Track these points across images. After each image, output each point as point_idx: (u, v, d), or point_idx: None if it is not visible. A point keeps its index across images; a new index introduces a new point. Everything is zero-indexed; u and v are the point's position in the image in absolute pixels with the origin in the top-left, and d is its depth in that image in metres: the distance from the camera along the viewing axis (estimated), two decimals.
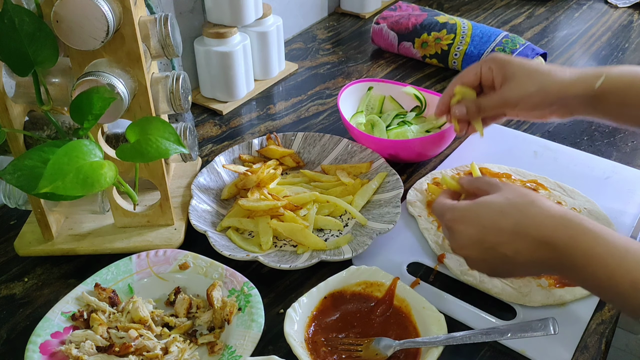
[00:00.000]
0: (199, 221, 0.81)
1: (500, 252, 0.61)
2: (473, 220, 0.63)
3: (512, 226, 0.60)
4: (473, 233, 0.62)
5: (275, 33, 1.17)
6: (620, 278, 0.55)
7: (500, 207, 0.62)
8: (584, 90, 0.71)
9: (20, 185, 0.62)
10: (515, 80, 0.74)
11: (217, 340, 0.68)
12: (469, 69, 0.79)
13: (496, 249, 0.61)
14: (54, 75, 0.72)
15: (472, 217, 0.63)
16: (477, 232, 0.62)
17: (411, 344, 0.65)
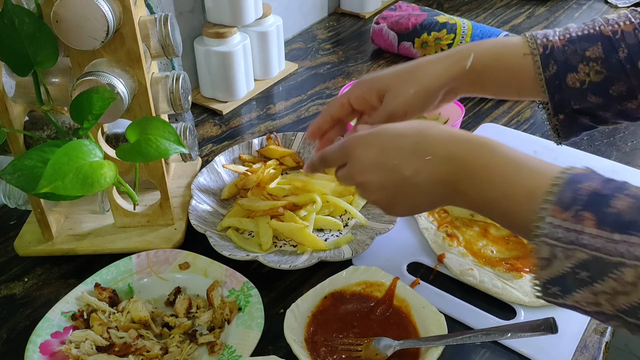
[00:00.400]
0: (198, 221, 0.81)
1: (400, 174, 0.59)
2: (372, 143, 0.61)
3: (412, 145, 0.59)
4: (373, 156, 0.60)
5: (275, 33, 1.17)
6: (517, 187, 0.53)
7: (400, 130, 0.61)
8: (458, 72, 0.70)
9: (20, 185, 0.62)
10: (391, 91, 0.72)
11: (217, 340, 0.68)
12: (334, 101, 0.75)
13: (396, 169, 0.59)
14: (54, 75, 0.72)
15: (371, 140, 0.61)
16: (376, 154, 0.60)
17: (411, 344, 0.65)
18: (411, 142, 0.59)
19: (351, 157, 0.63)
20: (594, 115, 0.70)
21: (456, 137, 0.58)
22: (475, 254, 0.78)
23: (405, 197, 0.61)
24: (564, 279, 0.48)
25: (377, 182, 0.61)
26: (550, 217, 0.48)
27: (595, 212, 0.47)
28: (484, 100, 1.14)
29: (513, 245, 0.78)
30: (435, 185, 0.58)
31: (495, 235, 0.80)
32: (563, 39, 0.68)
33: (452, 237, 0.80)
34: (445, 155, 0.57)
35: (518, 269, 0.75)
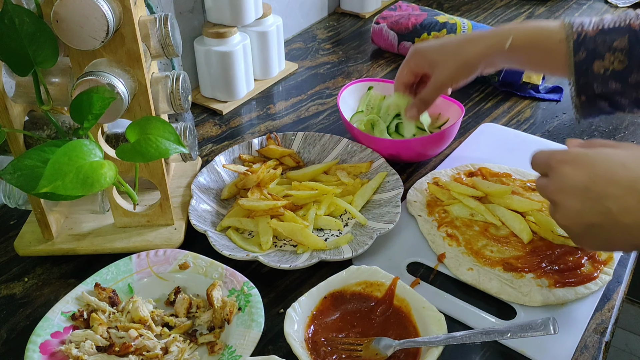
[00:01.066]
0: (199, 221, 0.81)
1: (605, 207, 0.54)
2: (585, 166, 0.56)
3: (631, 180, 0.54)
4: (580, 178, 0.56)
5: (275, 33, 1.17)
6: None
7: (622, 159, 0.56)
8: (497, 51, 0.80)
9: (20, 185, 0.62)
10: (440, 65, 0.84)
11: (217, 340, 0.68)
12: (402, 70, 0.90)
13: (601, 201, 0.54)
14: (54, 75, 0.72)
15: (585, 162, 0.57)
16: (586, 178, 0.55)
17: (411, 343, 0.65)
18: (631, 177, 0.54)
19: (556, 172, 0.59)
20: (613, 100, 0.76)
21: None
22: (475, 254, 0.78)
23: (603, 233, 0.56)
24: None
25: (575, 208, 0.57)
26: None
27: None
28: (484, 100, 1.14)
29: (513, 245, 0.78)
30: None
31: (495, 235, 0.80)
32: (596, 29, 0.75)
33: (452, 237, 0.80)
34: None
35: (518, 268, 0.75)
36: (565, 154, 0.59)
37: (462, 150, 1.00)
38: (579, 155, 0.58)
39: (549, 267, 0.75)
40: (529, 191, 0.86)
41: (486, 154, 0.97)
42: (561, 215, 0.59)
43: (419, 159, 0.97)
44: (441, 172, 0.92)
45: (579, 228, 0.58)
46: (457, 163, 0.95)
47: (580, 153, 0.58)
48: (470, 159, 0.95)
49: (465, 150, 0.99)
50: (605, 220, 0.55)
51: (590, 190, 0.55)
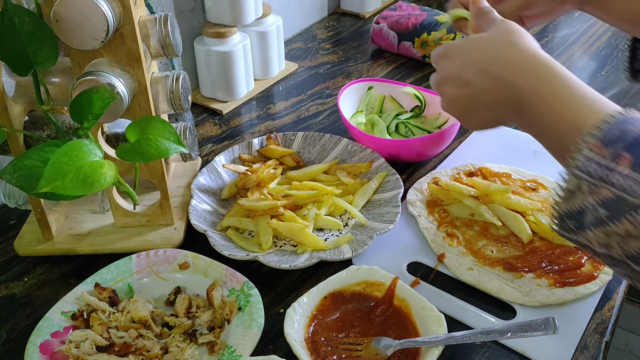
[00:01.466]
0: (199, 221, 0.81)
1: (470, 90, 0.62)
2: (455, 57, 0.64)
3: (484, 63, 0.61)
4: (453, 69, 0.64)
5: (275, 33, 1.17)
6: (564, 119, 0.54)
7: (480, 44, 0.63)
8: None
9: (20, 185, 0.62)
10: None
11: (217, 340, 0.68)
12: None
13: (468, 86, 0.62)
14: (54, 74, 0.72)
15: (455, 54, 0.65)
16: (455, 67, 0.64)
17: (411, 343, 0.65)
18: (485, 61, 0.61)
19: (438, 66, 0.67)
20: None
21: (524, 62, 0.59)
22: (475, 253, 0.78)
23: (475, 112, 0.64)
24: (582, 214, 0.49)
25: (452, 94, 0.65)
26: (587, 151, 0.48)
27: (634, 154, 0.47)
28: None
29: (513, 245, 0.78)
30: (498, 105, 0.61)
31: (495, 235, 0.80)
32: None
33: (452, 237, 0.80)
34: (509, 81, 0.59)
35: (518, 268, 0.75)
36: (442, 48, 0.67)
37: (462, 150, 0.99)
38: (450, 47, 0.66)
39: (549, 267, 0.75)
40: (529, 191, 0.86)
41: (486, 154, 0.97)
42: (445, 102, 0.67)
43: (419, 159, 0.97)
44: (441, 172, 0.92)
45: (458, 111, 0.66)
46: (457, 163, 0.95)
47: (451, 45, 0.66)
48: (470, 159, 0.95)
49: (465, 150, 0.99)
50: (473, 102, 0.63)
51: (460, 78, 0.63)
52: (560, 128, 0.54)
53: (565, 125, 0.53)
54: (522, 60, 0.59)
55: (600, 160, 0.48)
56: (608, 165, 0.47)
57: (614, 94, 1.15)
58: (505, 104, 0.60)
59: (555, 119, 0.55)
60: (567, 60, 1.28)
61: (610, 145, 0.48)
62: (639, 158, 0.46)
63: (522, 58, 0.59)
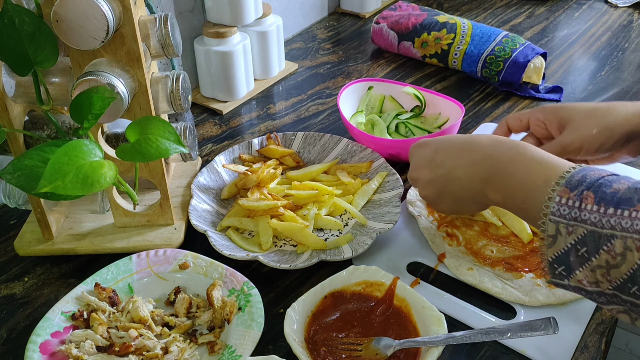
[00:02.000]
0: (199, 221, 0.81)
1: (445, 169, 0.68)
2: (430, 144, 0.71)
3: (461, 144, 0.68)
4: (427, 153, 0.70)
5: (275, 33, 1.17)
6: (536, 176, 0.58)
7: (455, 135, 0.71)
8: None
9: (20, 185, 0.62)
10: (574, 124, 0.72)
11: (217, 340, 0.68)
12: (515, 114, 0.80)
13: (442, 165, 0.68)
14: (54, 74, 0.72)
15: (430, 142, 0.72)
16: (430, 152, 0.70)
17: (411, 343, 0.65)
18: (461, 142, 0.68)
19: (412, 156, 0.73)
20: None
21: (498, 141, 0.66)
22: (475, 253, 0.78)
23: (449, 192, 0.69)
24: (567, 256, 0.53)
25: (426, 177, 0.70)
26: (558, 197, 0.54)
27: (595, 191, 0.52)
28: (484, 100, 1.14)
29: (513, 245, 0.78)
30: (471, 180, 0.66)
31: (495, 235, 0.80)
32: None
33: (452, 237, 0.80)
34: (484, 154, 0.65)
35: (518, 268, 0.75)
36: (419, 141, 0.74)
37: None
38: (427, 139, 0.73)
39: None
40: None
41: None
42: (420, 187, 0.72)
43: None
44: None
45: (434, 195, 0.71)
46: None
47: (426, 139, 0.73)
48: None
49: None
50: (446, 180, 0.68)
51: (434, 160, 0.69)
52: (532, 183, 0.58)
53: (537, 179, 0.58)
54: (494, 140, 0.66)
55: (569, 202, 0.53)
56: (577, 205, 0.53)
57: (614, 94, 1.15)
58: (479, 176, 0.65)
59: (528, 176, 0.59)
60: (567, 60, 1.28)
61: (575, 188, 0.53)
62: (600, 193, 0.52)
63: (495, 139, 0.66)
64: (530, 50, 1.14)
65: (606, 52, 1.31)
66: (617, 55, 1.30)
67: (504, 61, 1.13)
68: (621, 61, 1.27)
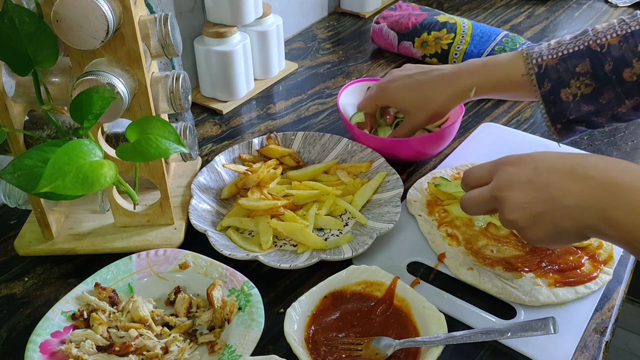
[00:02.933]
0: (199, 220, 0.81)
1: (548, 193, 0.58)
2: (528, 163, 0.61)
3: (569, 167, 0.58)
4: (525, 173, 0.60)
5: (275, 32, 1.17)
6: None
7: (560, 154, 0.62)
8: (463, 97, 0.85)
9: (20, 184, 0.62)
10: (412, 114, 0.89)
11: (217, 340, 0.68)
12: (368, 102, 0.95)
13: (546, 189, 0.58)
14: (54, 74, 0.72)
15: (527, 160, 0.62)
16: (529, 172, 0.60)
17: (411, 343, 0.65)
18: (569, 165, 0.59)
19: (500, 172, 0.63)
20: (589, 121, 0.77)
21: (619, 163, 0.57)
22: (475, 253, 0.78)
23: (549, 220, 0.59)
24: None
25: (521, 199, 0.60)
26: None
27: None
28: (484, 100, 1.14)
29: (513, 245, 0.78)
30: (585, 210, 0.56)
31: (496, 235, 0.80)
32: (556, 57, 0.76)
33: (452, 237, 0.80)
34: (603, 179, 0.56)
35: (518, 268, 0.75)
36: (507, 157, 0.64)
37: (462, 150, 0.99)
38: (521, 156, 0.63)
39: (549, 267, 0.75)
40: None
41: (486, 154, 0.97)
42: (509, 210, 0.62)
43: (419, 159, 0.97)
44: (441, 172, 0.92)
45: (526, 220, 0.61)
46: (457, 163, 0.95)
47: (521, 155, 0.63)
48: (470, 158, 0.95)
49: (465, 150, 0.99)
50: (549, 207, 0.58)
51: (534, 182, 0.60)
52: None
53: None
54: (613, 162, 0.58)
55: None
56: None
57: None
58: (596, 206, 0.56)
59: None
60: None
61: None
62: None
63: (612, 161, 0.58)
64: None
65: None
66: None
67: None
68: None
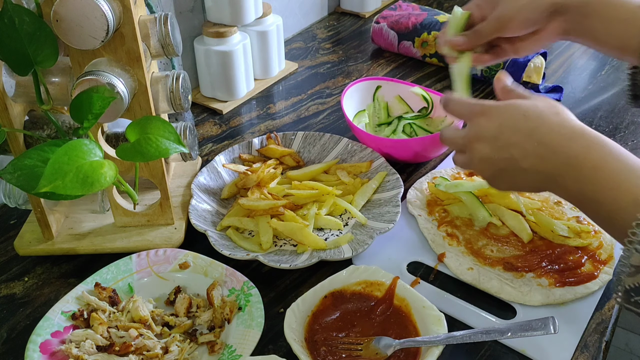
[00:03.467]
0: (199, 220, 0.81)
1: (509, 153, 0.61)
2: (495, 117, 0.63)
3: (529, 129, 0.60)
4: (492, 128, 0.63)
5: (275, 32, 1.17)
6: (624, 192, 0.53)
7: (524, 110, 0.62)
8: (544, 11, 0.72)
9: (20, 184, 0.62)
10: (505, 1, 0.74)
11: (217, 340, 0.68)
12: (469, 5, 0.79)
13: (507, 148, 0.61)
14: (54, 74, 0.72)
15: (495, 114, 0.63)
16: (495, 127, 0.62)
17: (411, 343, 0.65)
18: (530, 127, 0.60)
19: (472, 122, 0.65)
20: None
21: (574, 131, 0.59)
22: (475, 253, 0.78)
23: (508, 176, 0.63)
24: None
25: (486, 153, 0.63)
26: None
27: None
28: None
29: (513, 245, 0.78)
30: (538, 174, 0.60)
31: (496, 235, 0.80)
32: None
33: (452, 237, 0.80)
34: (557, 149, 0.58)
35: (518, 268, 0.75)
36: (481, 106, 0.65)
37: None
38: (492, 107, 0.64)
39: (549, 267, 0.75)
40: None
41: None
42: (476, 161, 0.65)
43: (417, 160, 0.97)
44: (441, 172, 0.92)
45: (489, 172, 0.65)
46: None
47: (492, 105, 0.64)
48: None
49: None
50: (509, 165, 0.62)
51: (498, 139, 0.62)
52: (617, 200, 0.54)
53: (623, 197, 0.53)
54: (572, 130, 0.59)
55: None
56: None
57: (614, 94, 1.15)
58: (547, 172, 0.59)
59: (612, 191, 0.54)
60: (567, 60, 1.28)
61: None
62: None
63: (572, 128, 0.59)
64: None
65: None
66: None
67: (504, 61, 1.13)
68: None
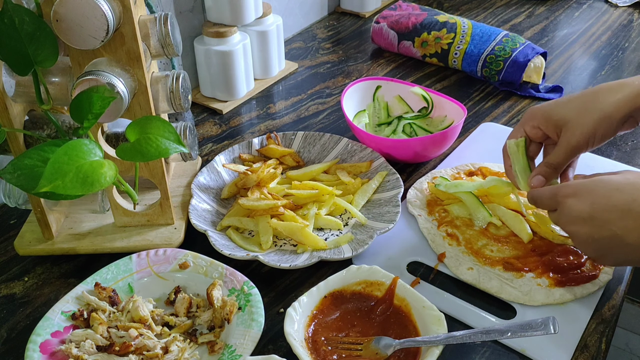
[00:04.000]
0: (199, 220, 0.81)
1: (610, 230, 0.60)
2: (585, 195, 0.62)
3: (625, 203, 0.59)
4: (583, 208, 0.61)
5: (275, 32, 1.17)
6: None
7: (616, 184, 0.61)
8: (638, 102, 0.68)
9: (20, 184, 0.62)
10: (571, 124, 0.70)
11: (217, 340, 0.68)
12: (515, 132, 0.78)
13: (607, 226, 0.60)
14: (54, 74, 0.72)
15: (584, 192, 0.62)
16: (588, 207, 0.61)
17: (411, 343, 0.65)
18: (626, 201, 0.60)
19: (561, 206, 0.65)
20: None
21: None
22: (475, 253, 0.78)
23: (616, 253, 0.62)
24: None
25: (586, 234, 0.63)
26: None
27: None
28: (484, 99, 1.14)
29: (513, 245, 0.78)
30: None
31: (495, 235, 0.80)
32: None
33: (452, 237, 0.80)
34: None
35: (518, 268, 0.75)
36: (566, 187, 0.65)
37: (462, 150, 0.99)
38: (579, 186, 0.63)
39: (549, 267, 0.75)
40: None
41: (486, 154, 0.97)
42: (577, 242, 0.65)
43: (417, 160, 0.97)
44: (441, 172, 0.92)
45: (595, 251, 0.64)
46: (457, 163, 0.95)
47: (579, 184, 0.64)
48: (470, 158, 0.95)
49: (465, 150, 0.99)
50: (613, 242, 0.60)
51: (594, 218, 0.61)
52: None
53: None
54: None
55: None
56: None
57: None
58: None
59: None
60: (567, 60, 1.28)
61: None
62: None
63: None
64: (531, 50, 1.14)
65: (606, 52, 1.31)
66: (617, 54, 1.30)
67: (504, 61, 1.13)
68: (621, 61, 1.27)
